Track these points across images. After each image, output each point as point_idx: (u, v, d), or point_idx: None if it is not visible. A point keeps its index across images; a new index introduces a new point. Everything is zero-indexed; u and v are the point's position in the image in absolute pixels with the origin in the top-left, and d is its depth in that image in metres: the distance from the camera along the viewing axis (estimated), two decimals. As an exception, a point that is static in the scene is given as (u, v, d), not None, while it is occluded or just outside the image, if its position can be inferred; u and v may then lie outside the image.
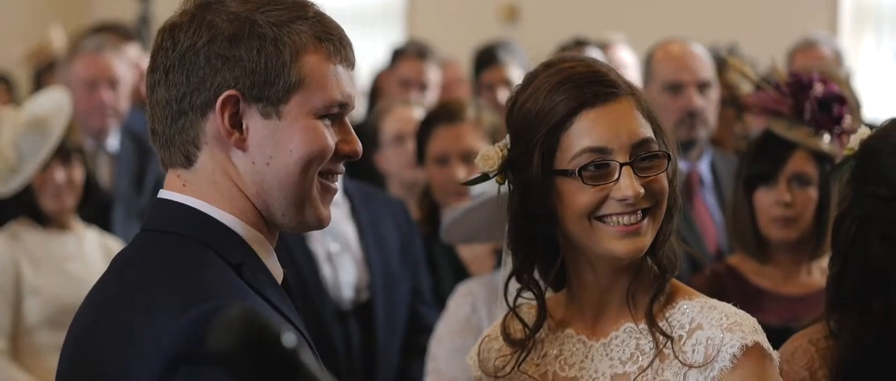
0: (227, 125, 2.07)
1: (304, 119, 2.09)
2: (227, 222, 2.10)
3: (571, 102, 2.27)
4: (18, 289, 4.53)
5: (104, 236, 4.88)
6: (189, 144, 2.10)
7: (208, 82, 2.07)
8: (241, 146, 2.09)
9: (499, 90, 6.20)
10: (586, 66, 2.34)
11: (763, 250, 3.81)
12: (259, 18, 2.08)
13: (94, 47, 5.85)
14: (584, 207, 2.28)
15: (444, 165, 4.54)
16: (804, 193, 3.73)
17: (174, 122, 2.10)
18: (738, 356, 2.24)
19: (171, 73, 2.09)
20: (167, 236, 2.10)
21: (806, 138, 3.70)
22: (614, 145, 2.26)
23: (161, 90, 2.10)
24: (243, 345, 1.54)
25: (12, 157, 4.57)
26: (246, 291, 2.05)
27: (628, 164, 2.26)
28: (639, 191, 2.26)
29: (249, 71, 2.06)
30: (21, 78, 8.55)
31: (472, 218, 3.76)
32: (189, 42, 2.07)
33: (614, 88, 2.29)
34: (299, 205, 2.12)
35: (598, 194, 2.27)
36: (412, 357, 4.25)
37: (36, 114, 4.65)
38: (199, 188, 2.11)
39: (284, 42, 2.07)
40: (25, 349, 4.54)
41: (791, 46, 6.60)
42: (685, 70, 4.94)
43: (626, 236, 2.27)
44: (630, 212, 2.27)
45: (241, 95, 2.06)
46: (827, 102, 3.67)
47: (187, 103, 2.08)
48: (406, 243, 4.34)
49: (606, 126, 2.27)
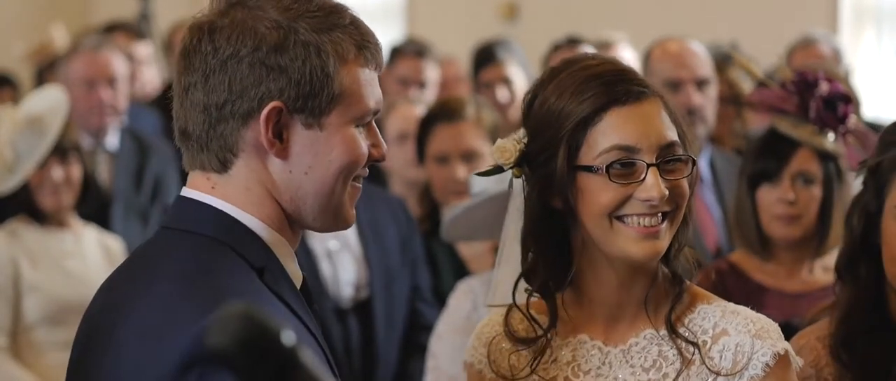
0: (269, 135, 2.06)
1: (343, 129, 2.09)
2: (252, 226, 2.09)
3: (601, 99, 2.25)
4: (17, 286, 4.54)
5: (103, 234, 4.89)
6: (226, 150, 2.09)
7: (252, 92, 2.05)
8: (280, 156, 2.08)
9: (497, 88, 6.20)
10: (613, 64, 2.32)
11: (766, 247, 3.81)
12: (301, 27, 2.07)
13: (92, 46, 5.85)
14: (606, 205, 2.25)
15: (444, 164, 4.54)
16: (808, 191, 3.72)
17: (212, 127, 2.09)
18: (770, 365, 2.23)
19: (212, 77, 2.07)
20: (191, 236, 2.09)
21: (811, 137, 3.70)
22: (643, 145, 2.24)
23: (198, 93, 2.09)
24: (242, 344, 1.53)
25: (9, 155, 4.58)
26: (266, 294, 2.04)
27: (655, 164, 2.24)
28: (664, 193, 2.23)
29: (294, 82, 2.05)
30: (21, 77, 8.54)
31: (472, 216, 3.76)
32: (232, 49, 2.06)
33: (644, 87, 2.27)
34: (332, 211, 2.13)
35: (622, 192, 2.24)
36: (412, 355, 4.25)
37: (32, 112, 4.66)
38: (228, 192, 2.10)
39: (328, 52, 2.07)
40: (25, 346, 4.55)
41: (790, 44, 6.60)
42: (683, 68, 4.94)
43: (644, 238, 2.24)
44: (651, 214, 2.24)
45: (285, 107, 2.06)
46: (832, 101, 3.67)
47: (228, 110, 2.07)
48: (405, 240, 4.34)
49: (636, 125, 2.25)
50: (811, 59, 5.89)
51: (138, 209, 5.66)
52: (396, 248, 4.31)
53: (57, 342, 4.51)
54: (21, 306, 4.53)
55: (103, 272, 4.54)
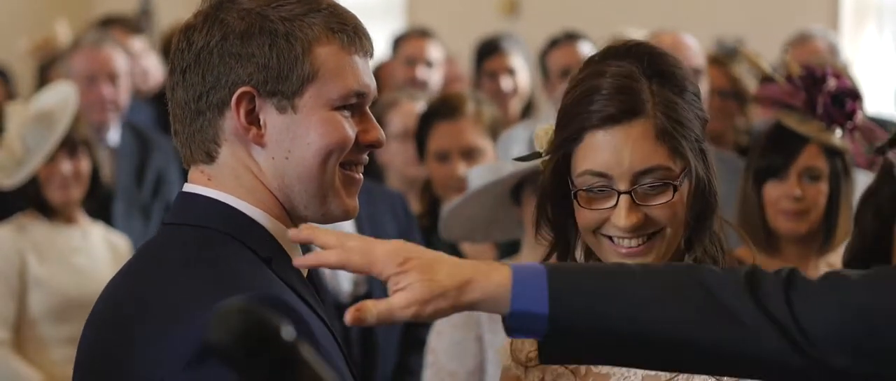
0: (243, 122, 2.08)
1: (320, 111, 2.09)
2: (254, 216, 2.11)
3: (585, 119, 2.23)
4: (23, 280, 4.54)
5: (109, 231, 4.90)
6: (209, 142, 2.11)
7: (223, 80, 2.08)
8: (259, 142, 2.09)
9: (502, 78, 6.22)
10: (619, 78, 2.25)
11: (771, 243, 3.81)
12: (270, 14, 2.08)
13: (93, 42, 5.85)
14: (587, 223, 2.25)
15: (444, 161, 4.54)
16: (815, 187, 3.72)
17: (193, 121, 2.11)
18: None
19: (188, 73, 2.11)
20: (196, 230, 2.10)
21: (818, 133, 3.70)
22: (615, 172, 2.21)
23: (180, 91, 2.12)
24: (241, 338, 1.54)
25: (19, 149, 4.59)
26: (278, 284, 2.06)
27: (628, 193, 2.21)
28: (632, 223, 2.20)
29: (262, 66, 2.07)
30: (22, 73, 8.55)
31: (467, 212, 3.77)
32: (203, 41, 2.09)
33: (633, 108, 2.22)
34: (321, 197, 2.13)
35: (596, 216, 2.24)
36: (411, 350, 4.25)
37: (42, 108, 4.67)
38: (224, 183, 2.12)
39: (296, 36, 2.08)
40: (28, 340, 4.55)
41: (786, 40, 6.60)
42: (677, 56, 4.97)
43: (628, 256, 2.23)
44: (630, 237, 2.23)
45: (255, 91, 2.07)
46: (840, 97, 3.67)
47: (204, 102, 2.10)
48: (404, 235, 4.34)
49: (610, 152, 2.21)
50: (807, 55, 5.89)
51: (140, 205, 5.66)
52: (395, 243, 4.31)
53: (61, 338, 4.52)
54: (26, 301, 4.54)
55: (109, 269, 4.55)
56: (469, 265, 1.92)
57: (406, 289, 1.88)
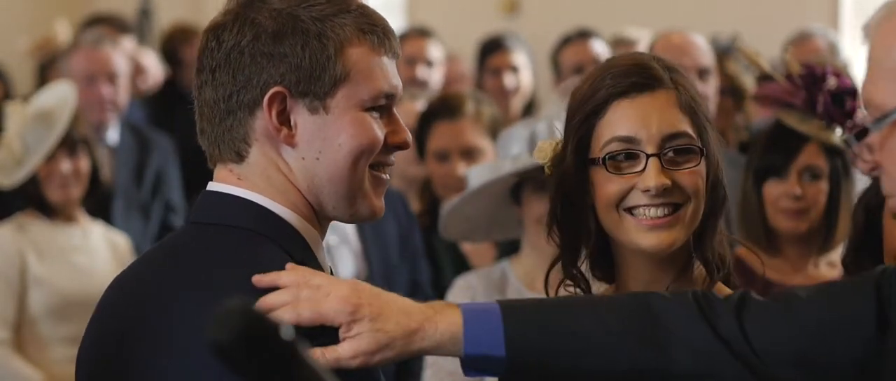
0: (275, 122, 2.07)
1: (351, 112, 2.09)
2: (285, 217, 2.10)
3: (607, 92, 2.26)
4: (23, 279, 4.54)
5: (110, 230, 4.89)
6: (239, 141, 2.10)
7: (254, 80, 2.07)
8: (290, 143, 2.09)
9: (505, 74, 6.23)
10: (632, 58, 2.33)
11: (771, 241, 3.80)
12: (302, 14, 2.08)
13: (92, 41, 5.86)
14: (611, 196, 2.25)
15: (444, 161, 4.54)
16: (815, 186, 3.72)
17: (223, 120, 2.10)
18: None
19: (218, 72, 2.09)
20: (228, 229, 2.09)
21: (818, 131, 3.70)
22: (643, 136, 2.24)
23: (208, 90, 2.11)
24: (242, 338, 1.54)
25: (18, 149, 4.59)
26: None
27: (656, 155, 2.23)
28: (662, 183, 2.22)
29: (294, 67, 2.06)
30: (21, 72, 8.54)
31: (466, 211, 3.76)
32: (233, 41, 2.08)
33: (653, 80, 2.27)
34: (351, 198, 2.13)
35: (624, 183, 2.24)
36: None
37: (42, 107, 4.67)
38: (254, 182, 2.11)
39: (328, 36, 2.07)
40: (28, 339, 4.55)
41: (786, 39, 6.60)
42: (686, 56, 4.97)
43: (652, 229, 2.24)
44: (657, 205, 2.24)
45: (287, 92, 2.07)
46: (840, 96, 3.67)
47: (235, 102, 2.09)
48: (405, 235, 4.34)
49: (637, 116, 2.25)
50: (807, 54, 5.89)
51: (139, 204, 5.67)
52: (395, 242, 4.31)
53: (61, 337, 4.52)
54: (26, 300, 4.54)
55: (109, 268, 4.55)
56: (418, 312, 2.00)
57: (355, 339, 1.95)
